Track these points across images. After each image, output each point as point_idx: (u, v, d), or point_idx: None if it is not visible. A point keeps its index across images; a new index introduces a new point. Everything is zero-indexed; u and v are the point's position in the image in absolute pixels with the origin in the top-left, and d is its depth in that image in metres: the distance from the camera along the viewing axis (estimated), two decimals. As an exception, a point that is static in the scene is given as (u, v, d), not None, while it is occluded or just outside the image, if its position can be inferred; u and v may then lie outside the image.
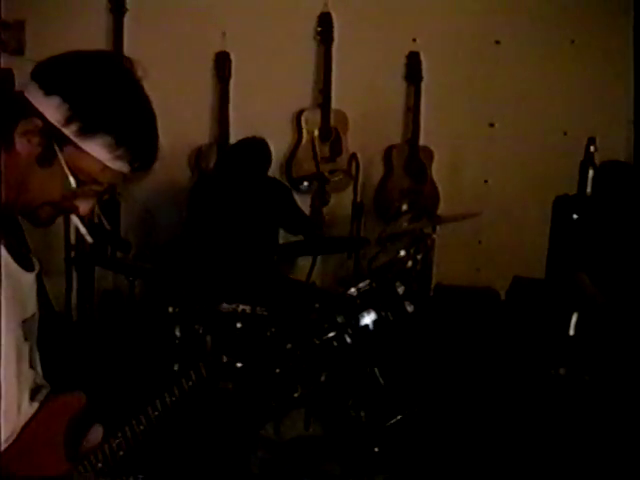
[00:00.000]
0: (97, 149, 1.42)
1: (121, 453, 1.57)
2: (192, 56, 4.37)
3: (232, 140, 4.38)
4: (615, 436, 2.77)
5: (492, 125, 5.07)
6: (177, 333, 3.08)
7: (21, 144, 1.42)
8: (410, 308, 3.15)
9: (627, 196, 3.62)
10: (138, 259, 3.73)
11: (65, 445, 1.55)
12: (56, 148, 1.41)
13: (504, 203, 4.88)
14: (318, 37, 4.62)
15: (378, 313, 3.09)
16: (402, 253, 3.39)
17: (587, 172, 3.59)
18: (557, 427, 3.23)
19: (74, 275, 3.79)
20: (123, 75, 1.47)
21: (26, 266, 1.55)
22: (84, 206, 1.50)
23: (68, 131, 1.41)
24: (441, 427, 3.49)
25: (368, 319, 3.15)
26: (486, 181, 5.09)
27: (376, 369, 3.27)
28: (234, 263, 3.72)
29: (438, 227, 3.59)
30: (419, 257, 3.50)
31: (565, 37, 4.99)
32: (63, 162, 1.42)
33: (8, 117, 1.43)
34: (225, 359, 1.70)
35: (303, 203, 4.54)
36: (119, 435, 1.57)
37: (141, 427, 1.59)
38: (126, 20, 4.15)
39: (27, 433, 1.52)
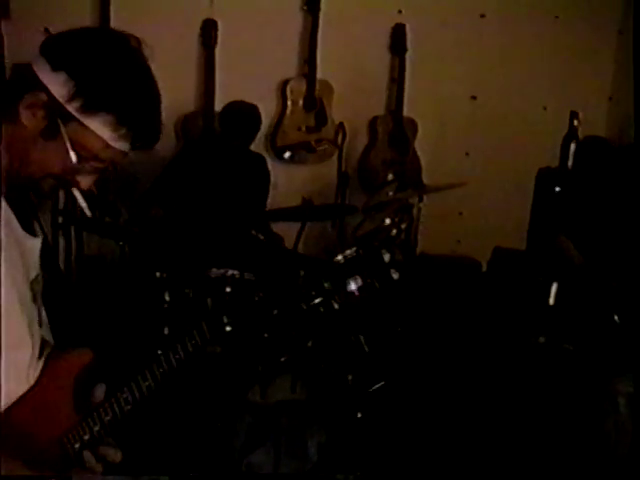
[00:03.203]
0: (99, 127, 1.45)
1: (129, 407, 1.60)
2: (179, 23, 4.36)
3: (217, 108, 4.39)
4: (594, 403, 2.85)
5: (474, 98, 5.10)
6: (166, 297, 3.11)
7: (26, 117, 1.45)
8: (396, 276, 3.20)
9: (606, 171, 3.69)
10: (127, 225, 3.75)
11: (74, 398, 1.58)
12: (60, 123, 1.44)
13: (485, 176, 4.93)
14: (305, 7, 4.63)
15: (364, 280, 3.14)
16: (387, 221, 3.44)
17: (569, 146, 3.65)
18: (537, 394, 3.31)
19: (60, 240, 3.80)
20: (130, 55, 1.49)
21: (32, 232, 1.58)
22: (85, 181, 1.53)
23: (71, 107, 1.43)
24: (422, 395, 3.57)
25: (354, 285, 3.21)
26: (467, 153, 5.14)
27: (361, 336, 3.33)
28: (220, 229, 3.75)
29: (425, 197, 3.64)
30: (403, 226, 3.55)
31: (549, 12, 5.02)
32: (66, 137, 1.44)
33: (14, 89, 1.46)
34: (226, 320, 1.73)
35: (286, 172, 4.58)
36: (125, 390, 1.61)
37: (147, 383, 1.62)
38: (114, -15, 4.14)
39: (37, 388, 1.55)
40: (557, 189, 3.60)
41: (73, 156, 1.46)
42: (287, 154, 4.45)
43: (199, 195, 3.95)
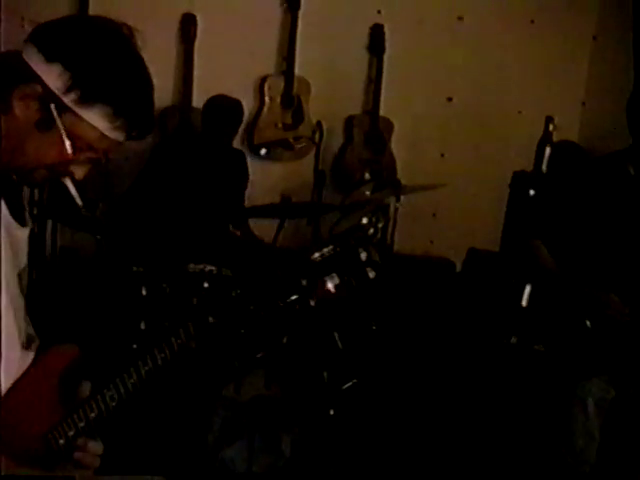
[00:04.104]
0: (96, 118, 1.44)
1: (114, 404, 1.61)
2: (158, 16, 4.34)
3: (195, 103, 4.39)
4: (563, 406, 2.89)
5: (450, 100, 5.14)
6: (143, 292, 3.11)
7: (19, 108, 1.42)
8: (372, 274, 3.22)
9: (579, 175, 3.75)
10: (103, 218, 3.74)
11: (60, 394, 1.58)
12: (55, 114, 1.42)
13: (459, 177, 4.97)
14: (285, 4, 4.64)
15: (341, 278, 3.16)
16: (364, 220, 3.45)
17: (544, 150, 3.71)
18: (507, 395, 3.36)
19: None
20: (124, 45, 1.48)
21: (21, 222, 1.58)
22: (79, 171, 1.52)
23: (68, 99, 1.42)
24: (394, 393, 3.60)
25: (331, 283, 3.23)
26: (443, 155, 5.18)
27: (335, 333, 3.36)
28: (199, 224, 3.75)
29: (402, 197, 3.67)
30: (380, 225, 3.57)
31: (526, 16, 5.08)
32: (61, 129, 1.43)
33: (5, 79, 1.44)
34: (212, 319, 1.74)
35: (262, 169, 4.59)
36: (111, 387, 1.61)
37: (131, 381, 1.62)
38: (92, -24, 4.12)
39: (23, 382, 1.55)
40: (531, 192, 3.66)
41: (69, 147, 1.44)
42: (263, 151, 4.47)
43: (178, 190, 3.94)
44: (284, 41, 4.66)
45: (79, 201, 1.57)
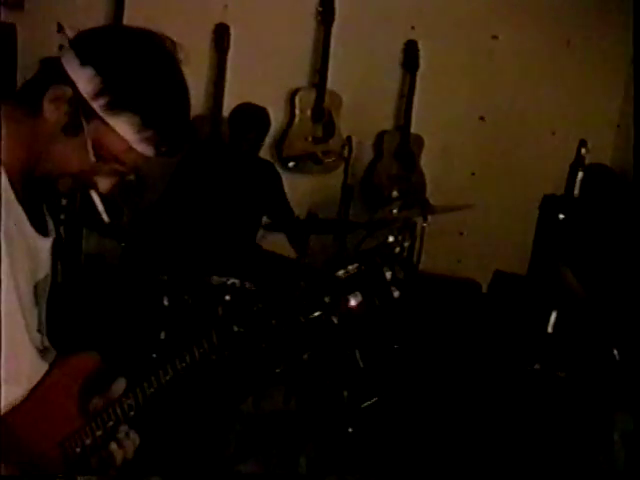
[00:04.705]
0: (123, 127, 1.41)
1: (132, 413, 1.59)
2: (192, 25, 4.34)
3: (226, 113, 4.39)
4: (588, 436, 2.84)
5: (482, 119, 5.10)
6: (165, 302, 3.10)
7: (49, 110, 1.41)
8: (396, 294, 3.19)
9: (611, 200, 3.69)
10: (129, 225, 3.73)
11: (79, 402, 1.56)
12: (83, 120, 1.40)
13: (489, 197, 4.93)
14: (319, 17, 4.63)
15: (365, 296, 3.13)
16: (390, 239, 3.42)
17: (576, 174, 3.65)
18: (530, 421, 3.31)
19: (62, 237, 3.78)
20: (162, 56, 1.45)
21: (42, 231, 1.54)
22: (104, 183, 1.48)
23: (96, 104, 1.39)
24: (414, 413, 3.56)
25: (354, 301, 3.20)
26: (473, 174, 5.14)
27: (357, 351, 3.33)
28: (225, 236, 3.74)
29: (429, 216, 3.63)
30: (406, 244, 3.54)
31: (561, 37, 5.04)
32: (87, 135, 1.40)
33: (41, 82, 1.43)
34: (236, 329, 1.72)
35: (290, 182, 4.57)
36: (130, 395, 1.60)
37: (151, 390, 1.61)
38: (128, -15, 4.14)
39: (39, 391, 1.53)
40: (561, 216, 3.60)
41: (92, 155, 1.42)
42: (292, 163, 4.45)
43: (205, 200, 3.93)
44: (317, 54, 4.65)
45: (105, 217, 1.53)
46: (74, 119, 1.40)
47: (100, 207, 1.52)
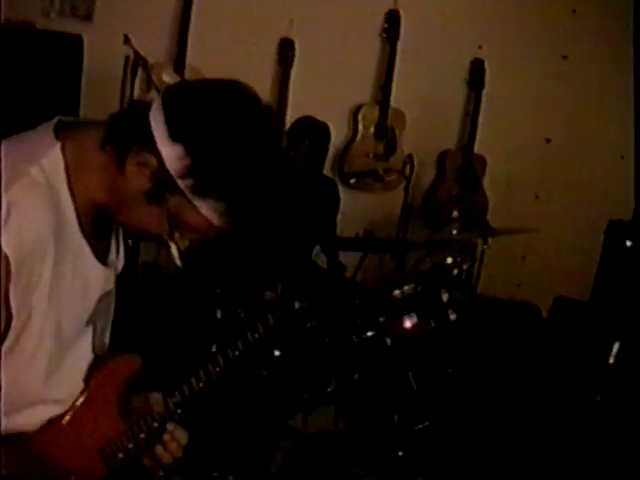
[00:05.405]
0: (206, 209, 1.33)
1: (179, 411, 1.56)
2: (257, 40, 4.36)
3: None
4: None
5: (549, 141, 5.02)
6: (218, 314, 3.09)
7: (132, 172, 1.34)
8: (453, 317, 3.12)
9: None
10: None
11: (119, 406, 1.54)
12: (166, 193, 1.33)
13: (553, 221, 4.83)
14: (384, 34, 4.60)
15: (420, 318, 3.07)
16: (449, 260, 3.35)
17: (645, 200, 3.54)
18: (589, 452, 3.20)
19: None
20: (261, 138, 1.34)
21: (102, 260, 1.48)
22: (181, 243, 1.41)
23: (182, 184, 1.31)
24: (466, 439, 3.47)
25: (409, 322, 3.14)
26: (537, 196, 5.04)
27: (410, 373, 3.26)
28: (282, 252, 3.71)
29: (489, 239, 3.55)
30: (465, 267, 3.46)
31: (630, 59, 4.91)
32: (169, 209, 1.34)
33: (127, 135, 1.34)
34: (297, 305, 1.69)
35: (350, 198, 4.53)
36: (177, 394, 1.57)
37: (200, 385, 1.58)
38: (195, -1, 4.17)
39: (83, 405, 1.50)
40: (628, 243, 3.49)
41: (168, 229, 1.36)
42: (353, 180, 4.42)
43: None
44: (381, 70, 4.62)
45: (179, 262, 1.43)
46: (157, 189, 1.34)
47: (175, 253, 1.43)
